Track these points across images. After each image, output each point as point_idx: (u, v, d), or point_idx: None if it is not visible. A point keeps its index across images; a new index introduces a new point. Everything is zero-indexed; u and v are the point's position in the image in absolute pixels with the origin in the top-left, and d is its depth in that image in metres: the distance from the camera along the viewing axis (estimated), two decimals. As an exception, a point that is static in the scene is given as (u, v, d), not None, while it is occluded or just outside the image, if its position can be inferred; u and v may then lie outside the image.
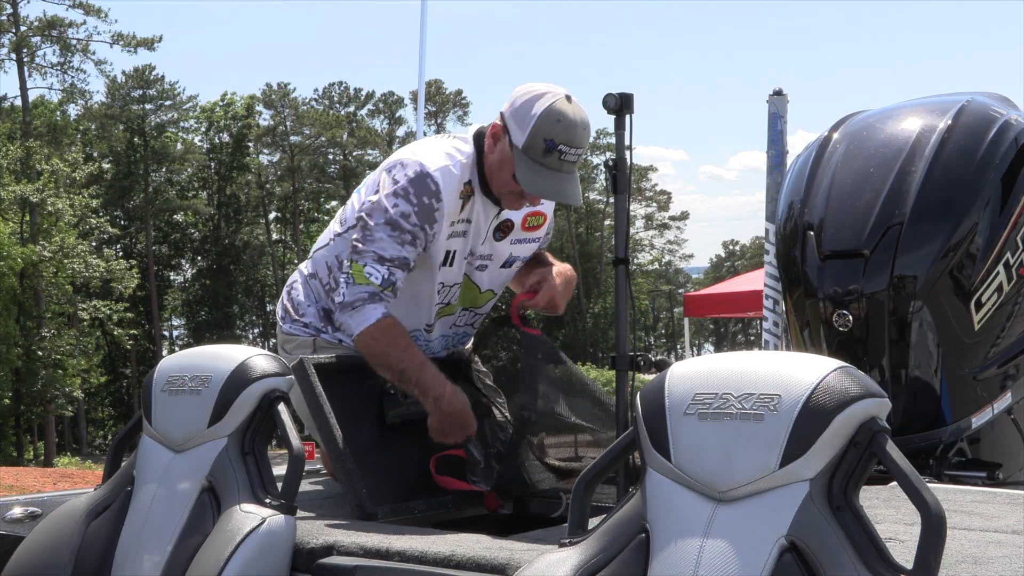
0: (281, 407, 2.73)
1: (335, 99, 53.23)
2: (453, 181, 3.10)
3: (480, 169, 3.15)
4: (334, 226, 3.35)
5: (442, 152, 3.13)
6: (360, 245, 3.08)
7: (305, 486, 3.39)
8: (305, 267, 3.42)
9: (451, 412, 3.06)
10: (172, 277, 51.75)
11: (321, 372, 3.13)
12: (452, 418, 3.07)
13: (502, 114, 3.11)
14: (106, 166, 46.48)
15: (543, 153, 3.02)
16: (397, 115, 54.28)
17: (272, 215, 52.96)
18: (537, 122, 3.01)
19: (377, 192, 3.12)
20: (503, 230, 3.27)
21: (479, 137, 3.17)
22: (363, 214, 3.10)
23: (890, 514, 2.69)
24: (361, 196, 3.24)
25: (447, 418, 3.07)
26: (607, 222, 52.70)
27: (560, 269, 3.38)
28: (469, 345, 3.57)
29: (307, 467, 2.98)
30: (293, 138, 50.50)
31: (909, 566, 1.70)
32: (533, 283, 3.25)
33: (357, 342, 3.09)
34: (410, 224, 3.05)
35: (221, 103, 51.14)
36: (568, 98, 3.05)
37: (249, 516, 2.55)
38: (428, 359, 3.11)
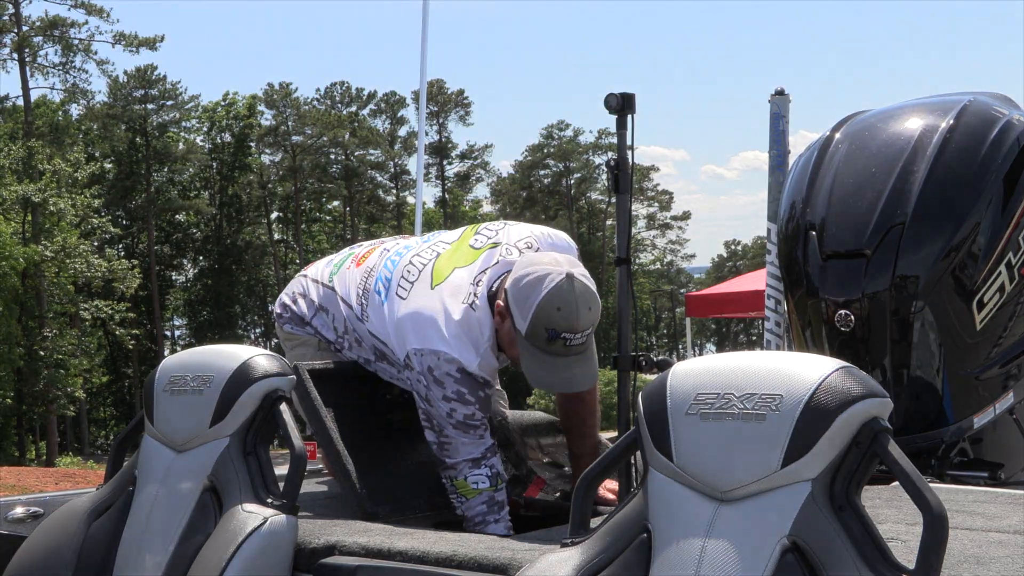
0: (283, 407, 2.73)
1: (337, 99, 53.22)
2: (492, 364, 3.05)
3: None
4: (355, 300, 3.22)
5: (472, 337, 3.00)
6: (447, 459, 3.04)
7: (307, 486, 3.39)
8: (314, 289, 3.36)
9: None
10: (174, 277, 51.77)
11: (321, 376, 3.14)
12: None
13: (506, 292, 2.98)
14: (108, 166, 46.49)
15: (547, 342, 2.91)
16: (399, 115, 54.29)
17: (274, 215, 52.97)
18: (537, 311, 2.88)
19: (421, 384, 3.01)
20: None
21: (493, 299, 3.04)
22: (431, 419, 3.03)
23: (892, 514, 2.69)
24: (387, 328, 3.10)
25: None
26: (609, 222, 52.64)
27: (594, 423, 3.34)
28: None
29: (309, 467, 2.98)
30: (295, 138, 50.48)
31: (911, 566, 1.70)
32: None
33: None
34: (477, 421, 3.02)
35: (223, 103, 51.17)
36: (570, 278, 2.90)
37: (251, 516, 2.55)
38: None
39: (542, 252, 3.05)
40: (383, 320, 3.12)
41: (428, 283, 3.11)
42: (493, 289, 3.04)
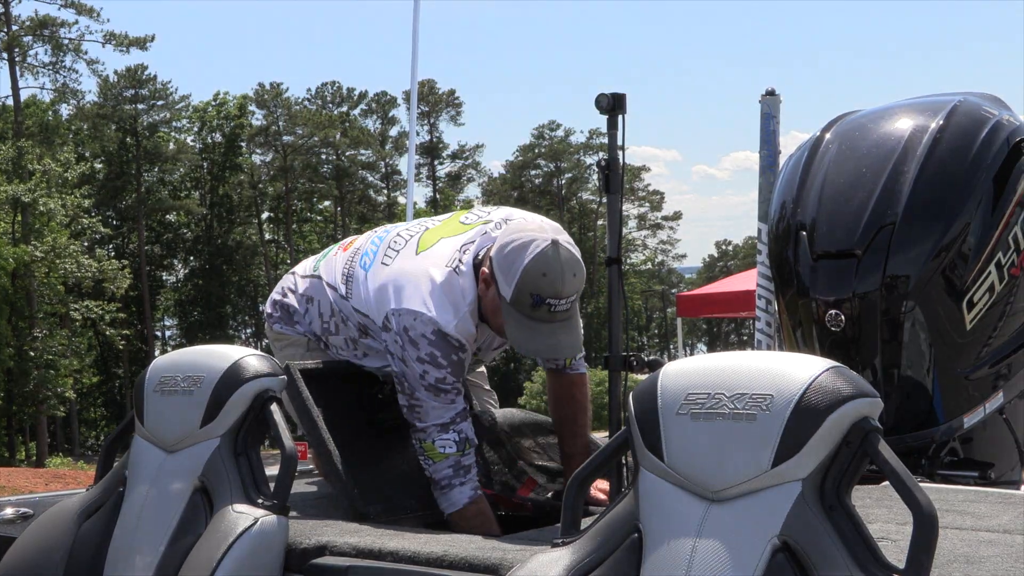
0: (274, 407, 2.73)
1: (328, 99, 53.19)
2: (470, 332, 3.03)
3: (480, 304, 3.05)
4: (339, 281, 3.23)
5: (450, 302, 3.00)
6: (417, 422, 3.04)
7: (298, 486, 3.39)
8: (302, 282, 3.37)
9: None
10: (164, 277, 51.69)
11: (312, 375, 3.13)
12: None
13: (491, 259, 2.98)
14: (98, 166, 46.41)
15: (531, 308, 2.90)
16: (390, 115, 54.30)
17: (265, 215, 52.93)
18: (521, 278, 2.88)
19: (396, 343, 3.02)
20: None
21: (478, 268, 3.04)
22: (403, 380, 3.03)
23: (882, 513, 2.69)
24: (370, 295, 3.11)
25: None
26: (600, 222, 52.70)
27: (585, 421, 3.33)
28: None
29: (300, 467, 2.98)
30: (286, 138, 50.45)
31: (901, 565, 1.71)
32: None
33: (448, 518, 3.07)
34: (449, 384, 3.01)
35: (214, 103, 51.10)
36: (555, 244, 2.90)
37: (242, 516, 2.55)
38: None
39: (528, 219, 3.05)
40: (367, 290, 3.13)
41: (413, 250, 3.14)
42: (479, 257, 3.04)
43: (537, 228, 2.96)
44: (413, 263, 3.09)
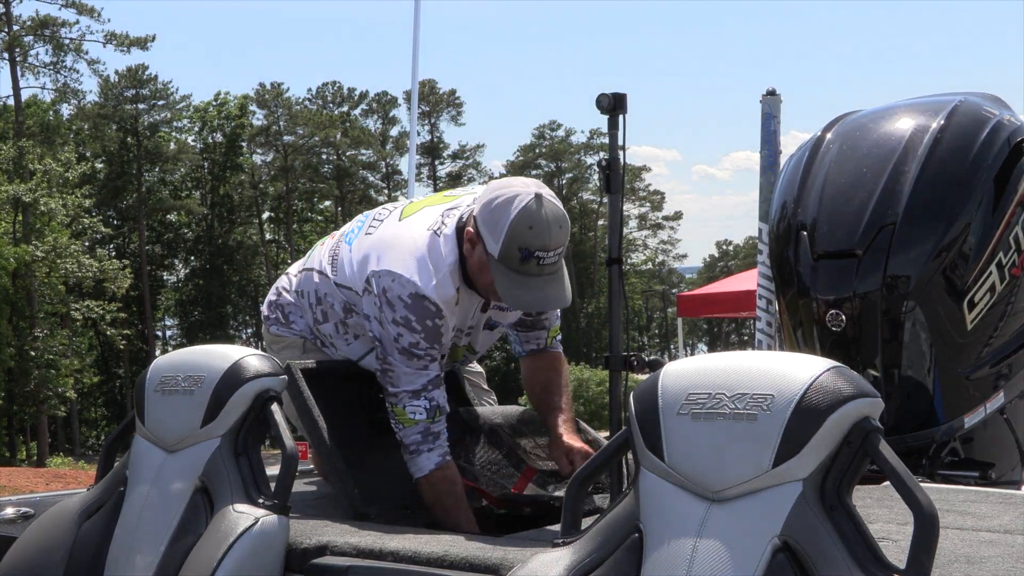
0: (274, 407, 2.73)
1: (328, 99, 53.18)
2: (448, 293, 3.01)
3: (463, 264, 3.05)
4: (326, 263, 3.25)
5: (430, 263, 3.00)
6: (390, 386, 3.03)
7: (298, 486, 3.39)
8: (295, 278, 3.38)
9: None
10: (165, 277, 51.69)
11: (311, 375, 3.13)
12: None
13: (475, 219, 2.98)
14: (99, 166, 46.40)
15: (520, 262, 2.90)
16: (391, 115, 54.29)
17: (265, 215, 52.92)
18: (509, 231, 2.88)
19: (374, 306, 3.02)
20: (485, 307, 3.22)
21: (462, 231, 3.04)
22: (378, 341, 3.03)
23: (883, 514, 2.69)
24: (353, 265, 3.13)
25: None
26: (600, 222, 52.69)
27: (568, 416, 3.27)
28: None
29: (300, 467, 2.98)
30: (286, 138, 50.45)
31: (902, 566, 1.71)
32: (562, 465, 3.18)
33: (416, 484, 3.07)
34: (422, 351, 2.99)
35: (214, 103, 51.09)
36: (538, 197, 2.92)
37: (242, 516, 2.55)
38: (470, 516, 3.06)
39: (507, 179, 3.06)
40: (351, 262, 3.14)
41: (397, 218, 3.17)
42: (463, 220, 3.05)
43: (520, 184, 2.97)
44: (395, 228, 3.12)
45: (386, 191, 53.50)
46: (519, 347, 3.39)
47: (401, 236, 3.07)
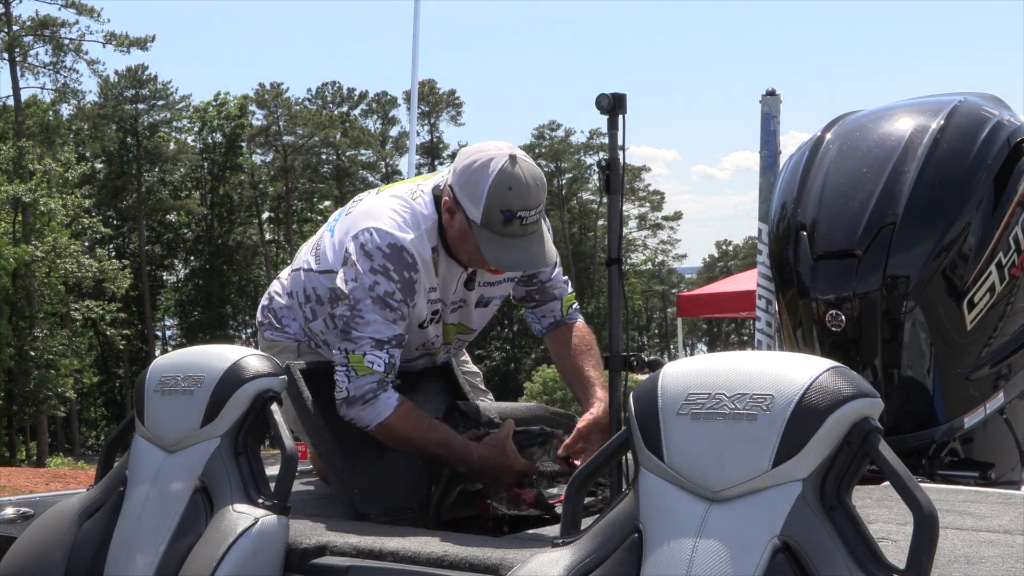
0: (274, 407, 2.73)
1: (328, 99, 53.19)
2: (426, 250, 3.03)
3: (442, 232, 3.06)
4: (310, 257, 3.26)
5: (409, 220, 3.03)
6: (353, 331, 2.99)
7: (298, 486, 3.39)
8: (285, 281, 3.38)
9: (489, 467, 3.03)
10: (165, 277, 51.69)
11: (309, 376, 3.13)
12: (493, 471, 3.04)
13: (451, 187, 2.99)
14: (99, 166, 46.41)
15: (503, 224, 2.93)
16: (390, 115, 54.30)
17: (265, 215, 52.93)
18: (489, 195, 2.91)
19: (351, 264, 3.02)
20: (472, 278, 3.22)
21: (437, 201, 3.07)
22: (345, 291, 3.01)
23: (883, 514, 2.69)
24: (334, 245, 3.14)
25: (488, 473, 3.04)
26: (600, 222, 52.68)
27: (602, 395, 3.23)
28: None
29: (300, 467, 2.98)
30: (286, 138, 50.46)
31: (902, 566, 1.70)
32: (576, 448, 3.14)
33: (377, 432, 3.02)
34: (396, 302, 2.98)
35: (214, 103, 51.09)
36: (513, 159, 2.94)
37: (242, 516, 2.55)
38: (451, 430, 3.06)
39: (477, 144, 3.07)
40: (332, 244, 3.16)
41: (374, 194, 3.21)
42: (440, 187, 3.08)
43: (492, 147, 2.98)
44: (373, 200, 3.16)
45: (386, 191, 53.41)
46: (538, 325, 3.40)
47: (379, 203, 3.12)
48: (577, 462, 3.11)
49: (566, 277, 3.48)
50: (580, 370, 3.32)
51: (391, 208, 3.07)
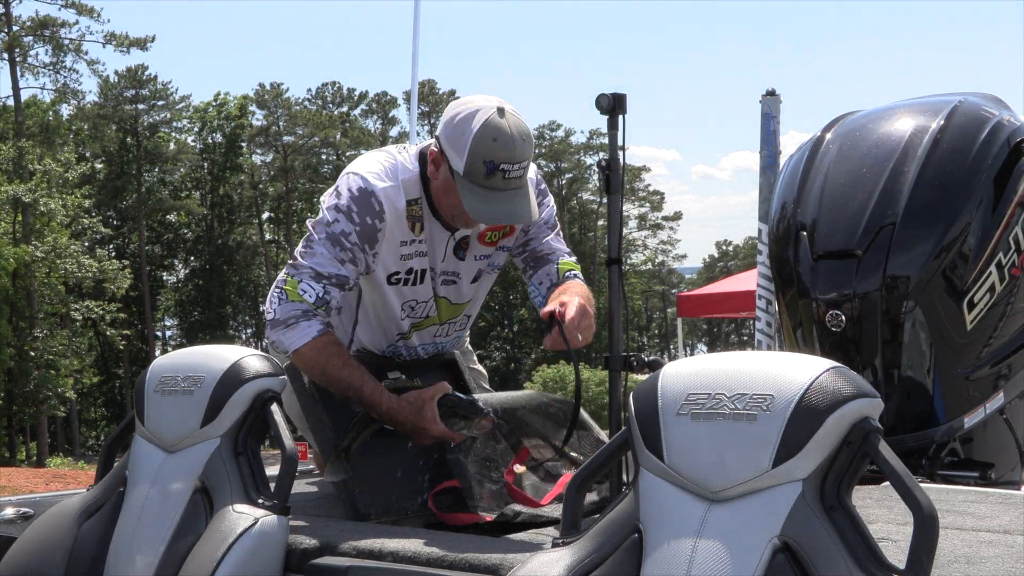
0: (274, 407, 2.73)
1: (328, 99, 53.18)
2: (400, 200, 3.01)
3: (427, 191, 3.05)
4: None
5: (388, 170, 3.04)
6: (300, 259, 2.99)
7: (298, 486, 3.39)
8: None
9: (399, 423, 3.00)
10: (165, 277, 51.69)
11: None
12: (403, 427, 3.01)
13: (438, 138, 2.98)
14: (99, 166, 46.42)
15: (485, 176, 2.89)
16: (390, 115, 54.29)
17: (265, 215, 52.93)
18: (473, 144, 2.87)
19: (321, 204, 3.07)
20: (463, 247, 3.19)
21: (422, 157, 3.06)
22: (308, 225, 3.05)
23: (883, 514, 2.70)
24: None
25: (403, 427, 3.01)
26: (600, 222, 52.68)
27: (581, 300, 3.10)
28: (466, 343, 3.57)
29: (300, 467, 2.98)
30: (286, 138, 50.45)
31: (902, 566, 1.70)
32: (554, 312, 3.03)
33: (293, 358, 3.01)
34: (349, 243, 2.97)
35: (214, 103, 51.09)
36: (501, 111, 2.90)
37: (242, 516, 2.55)
38: (368, 374, 3.01)
39: (468, 95, 3.05)
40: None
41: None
42: (427, 145, 3.08)
43: (481, 99, 2.96)
44: (359, 158, 3.17)
45: (386, 191, 53.40)
46: (539, 298, 3.27)
47: (363, 157, 3.15)
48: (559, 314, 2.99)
49: (569, 249, 3.40)
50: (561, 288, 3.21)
51: (373, 159, 3.09)
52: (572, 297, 3.04)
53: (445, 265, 3.18)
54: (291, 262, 3.03)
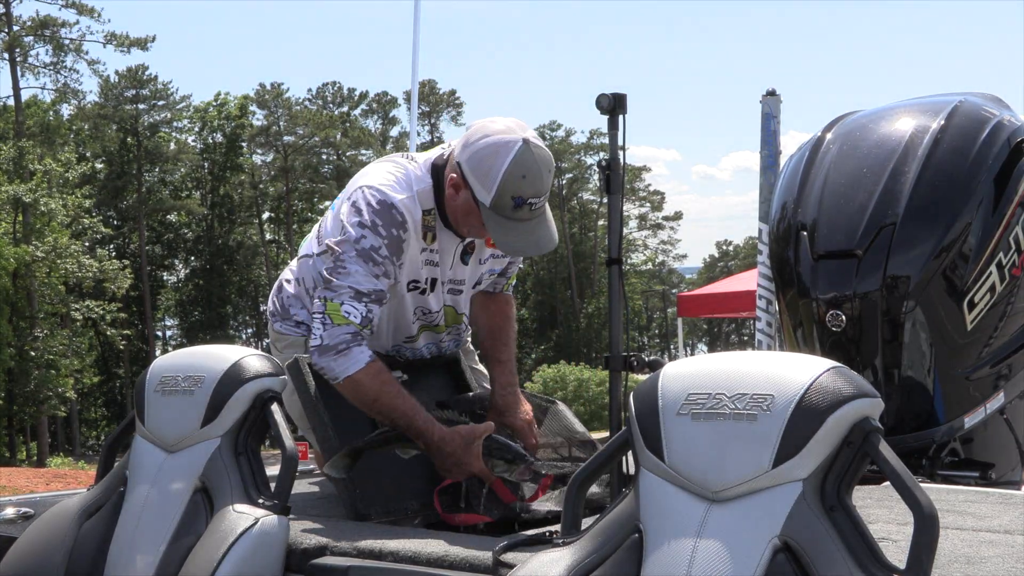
0: (274, 407, 2.73)
1: (328, 99, 53.18)
2: (417, 212, 3.03)
3: (439, 202, 3.06)
4: (313, 242, 3.27)
5: (402, 181, 3.04)
6: (334, 280, 2.98)
7: (298, 486, 3.39)
8: (293, 268, 3.40)
9: (446, 454, 2.98)
10: (165, 277, 51.69)
11: (315, 371, 3.13)
12: (448, 460, 3.00)
13: (459, 164, 2.97)
14: (99, 166, 46.41)
15: (512, 209, 2.92)
16: (391, 115, 54.30)
17: (266, 215, 52.92)
18: (502, 182, 2.89)
19: (339, 220, 3.05)
20: (469, 251, 3.22)
21: (435, 169, 3.07)
22: (332, 245, 3.02)
23: (883, 514, 2.70)
24: (336, 218, 3.15)
25: (446, 459, 2.99)
26: (600, 222, 52.70)
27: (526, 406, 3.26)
28: (468, 343, 3.58)
29: (300, 467, 2.98)
30: (286, 138, 50.45)
31: (902, 566, 1.71)
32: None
33: (344, 386, 2.99)
34: (381, 257, 2.97)
35: (214, 103, 51.08)
36: (527, 143, 2.91)
37: (242, 516, 2.55)
38: (417, 403, 3.02)
39: (488, 120, 3.04)
40: (333, 216, 3.16)
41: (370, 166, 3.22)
42: (442, 157, 3.08)
43: (504, 129, 2.95)
44: (366, 168, 3.18)
45: (386, 191, 53.39)
46: (482, 334, 3.41)
47: (372, 168, 3.15)
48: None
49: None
50: (499, 349, 3.36)
51: (385, 170, 3.09)
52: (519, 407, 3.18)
53: (452, 273, 3.21)
54: (325, 286, 3.01)
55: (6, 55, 39.50)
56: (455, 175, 2.98)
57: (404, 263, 3.05)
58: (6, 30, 39.16)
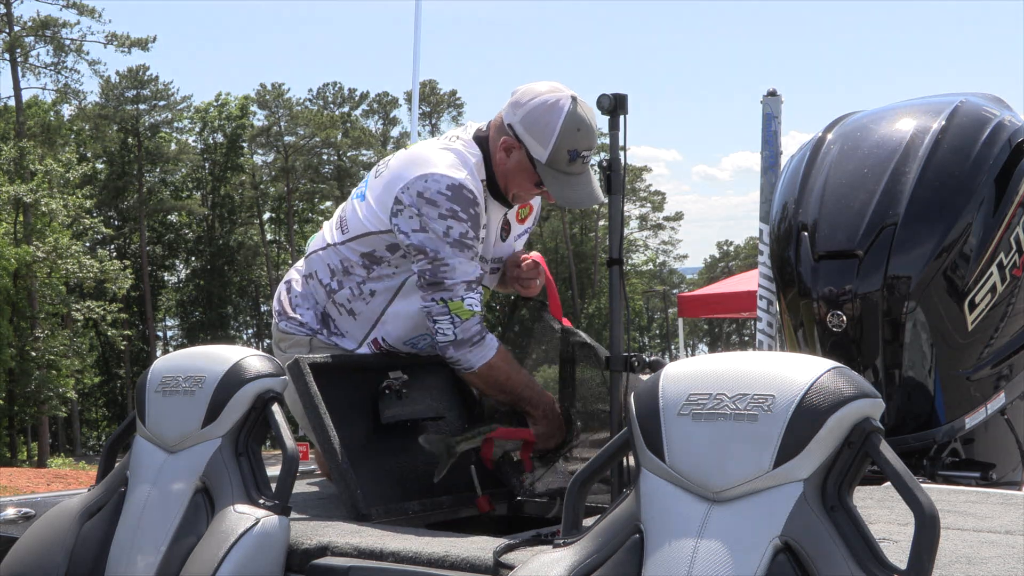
0: (275, 408, 2.73)
1: (329, 99, 53.21)
2: (479, 187, 3.09)
3: (488, 172, 3.14)
4: (334, 233, 3.27)
5: (458, 160, 3.09)
6: (445, 280, 3.03)
7: (299, 487, 3.39)
8: (300, 268, 3.39)
9: (556, 418, 3.17)
10: (166, 277, 51.71)
11: (317, 371, 3.13)
12: (557, 423, 3.17)
13: (511, 126, 3.08)
14: (100, 166, 46.47)
15: (568, 163, 3.06)
16: (391, 115, 54.32)
17: (266, 215, 52.94)
18: (559, 137, 3.04)
19: (413, 215, 3.02)
20: (505, 230, 3.30)
21: (480, 140, 3.15)
22: (417, 244, 3.03)
23: (884, 514, 2.69)
24: (371, 205, 3.14)
25: (553, 424, 3.17)
26: (601, 223, 52.68)
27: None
28: None
29: (301, 468, 2.98)
30: (287, 138, 50.47)
31: (903, 566, 1.70)
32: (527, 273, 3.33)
33: (480, 372, 3.11)
34: (471, 240, 3.05)
35: (215, 103, 51.11)
36: (574, 99, 3.07)
37: (243, 517, 2.55)
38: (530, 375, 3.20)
39: (530, 84, 3.14)
40: (366, 207, 3.17)
41: (404, 151, 3.23)
42: (482, 129, 3.17)
43: (551, 89, 3.09)
44: (408, 154, 3.18)
45: (387, 192, 53.41)
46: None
47: (417, 153, 3.14)
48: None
49: None
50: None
51: (435, 155, 3.11)
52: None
53: (495, 251, 3.29)
54: (435, 288, 3.05)
55: (7, 55, 39.53)
56: (507, 137, 3.09)
57: (482, 237, 3.14)
58: (7, 30, 39.17)
